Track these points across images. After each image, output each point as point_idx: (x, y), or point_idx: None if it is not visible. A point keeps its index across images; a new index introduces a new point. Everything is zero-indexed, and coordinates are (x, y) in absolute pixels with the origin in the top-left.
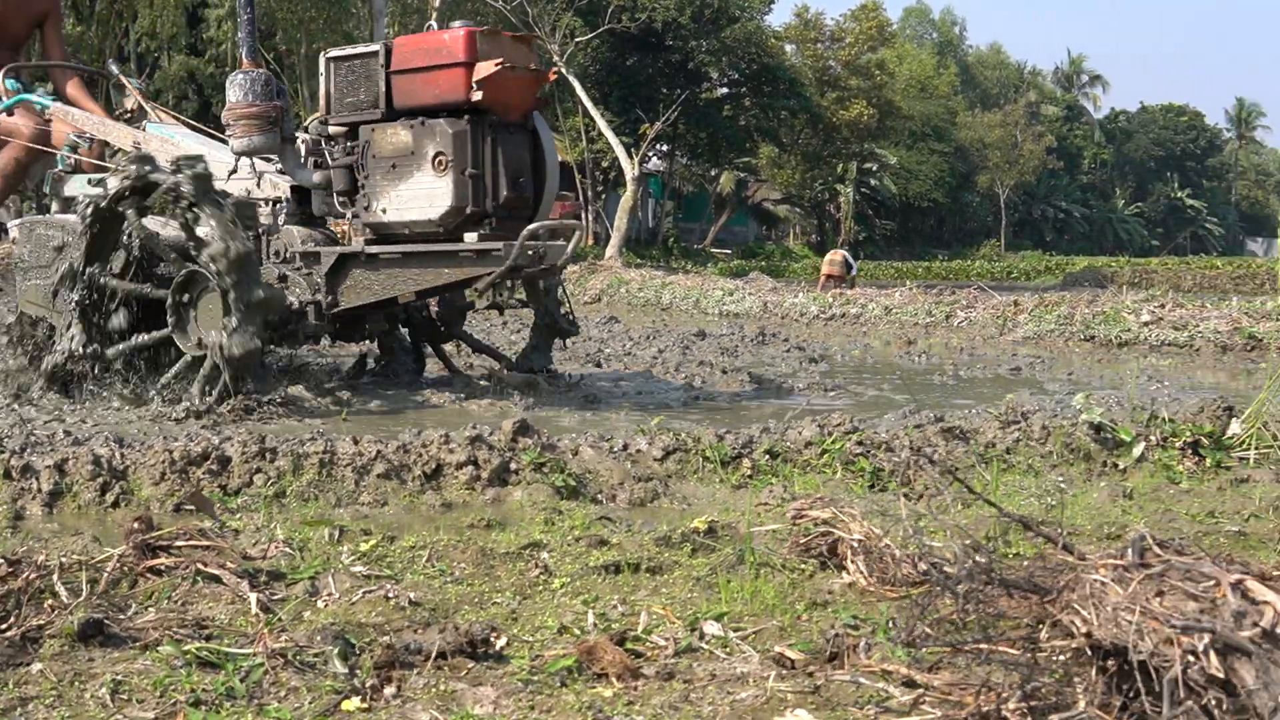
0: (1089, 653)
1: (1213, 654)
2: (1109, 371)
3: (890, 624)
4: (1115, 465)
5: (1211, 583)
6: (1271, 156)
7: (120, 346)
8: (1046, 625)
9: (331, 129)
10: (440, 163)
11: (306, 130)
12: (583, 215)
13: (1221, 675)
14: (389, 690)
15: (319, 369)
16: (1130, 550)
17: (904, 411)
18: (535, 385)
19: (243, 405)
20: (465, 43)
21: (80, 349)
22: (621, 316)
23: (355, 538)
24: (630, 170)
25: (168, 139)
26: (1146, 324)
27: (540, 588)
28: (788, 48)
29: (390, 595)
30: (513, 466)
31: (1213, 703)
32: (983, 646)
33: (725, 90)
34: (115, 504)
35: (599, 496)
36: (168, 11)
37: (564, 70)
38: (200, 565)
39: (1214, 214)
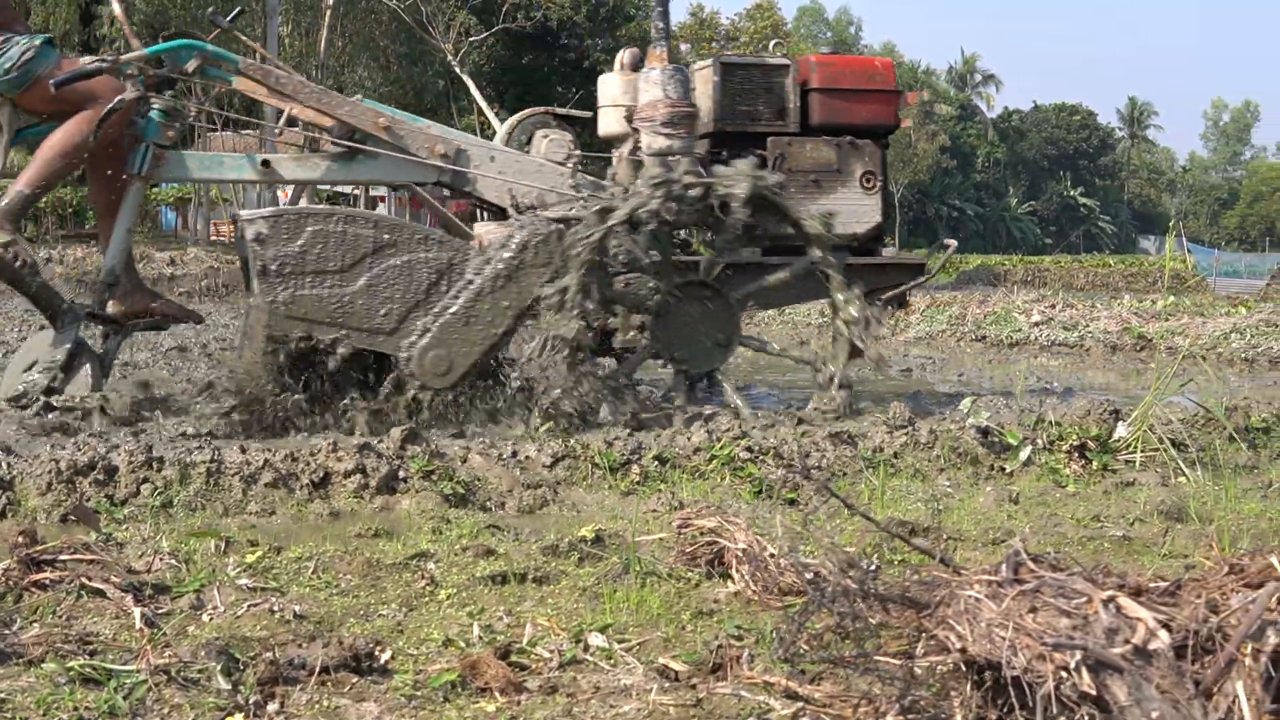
0: (964, 668)
1: (1085, 671)
2: (999, 372)
3: (774, 634)
4: (1002, 469)
5: (1084, 599)
6: (1164, 155)
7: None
8: (923, 639)
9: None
10: (869, 181)
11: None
12: (478, 215)
13: (1094, 692)
14: (272, 706)
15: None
16: (1005, 565)
17: (796, 417)
18: None
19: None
20: (892, 71)
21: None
22: None
23: (242, 549)
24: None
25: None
26: (1037, 324)
27: (426, 599)
28: (683, 47)
29: (275, 609)
30: (401, 474)
31: (1085, 719)
32: (859, 660)
33: None
34: (1, 514)
35: (488, 504)
36: (61, 8)
37: (458, 69)
38: (85, 580)
39: (1106, 212)
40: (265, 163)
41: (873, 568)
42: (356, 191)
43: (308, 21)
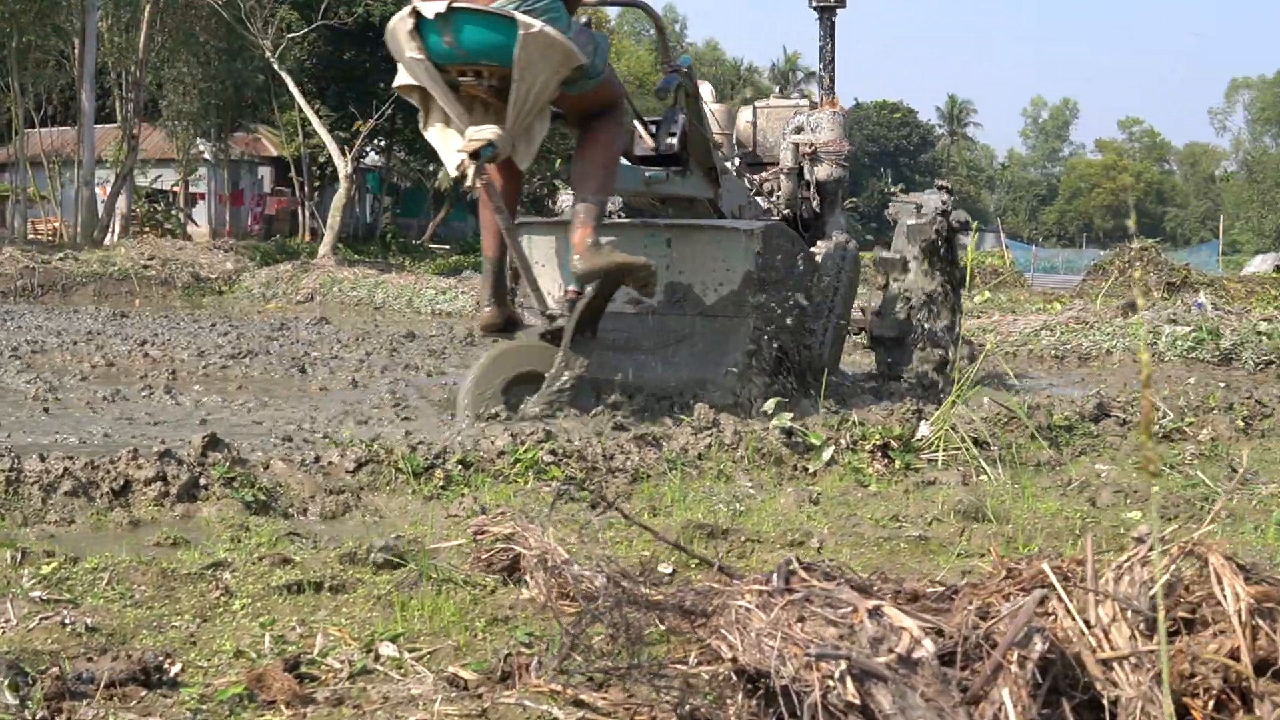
0: (736, 676)
1: (849, 680)
2: None
3: (561, 639)
4: (806, 469)
5: (850, 609)
6: (983, 152)
7: None
8: (698, 648)
9: None
10: None
11: None
12: (298, 213)
13: (859, 701)
14: None
15: None
16: (776, 575)
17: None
18: None
19: None
20: None
21: None
22: (333, 317)
23: (38, 560)
24: (344, 168)
25: None
26: None
27: (220, 610)
28: None
29: (67, 621)
30: (202, 482)
31: None
32: (634, 669)
33: None
34: None
35: (290, 511)
36: None
37: (277, 66)
38: None
39: None
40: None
41: (666, 575)
42: (176, 189)
43: (127, 17)
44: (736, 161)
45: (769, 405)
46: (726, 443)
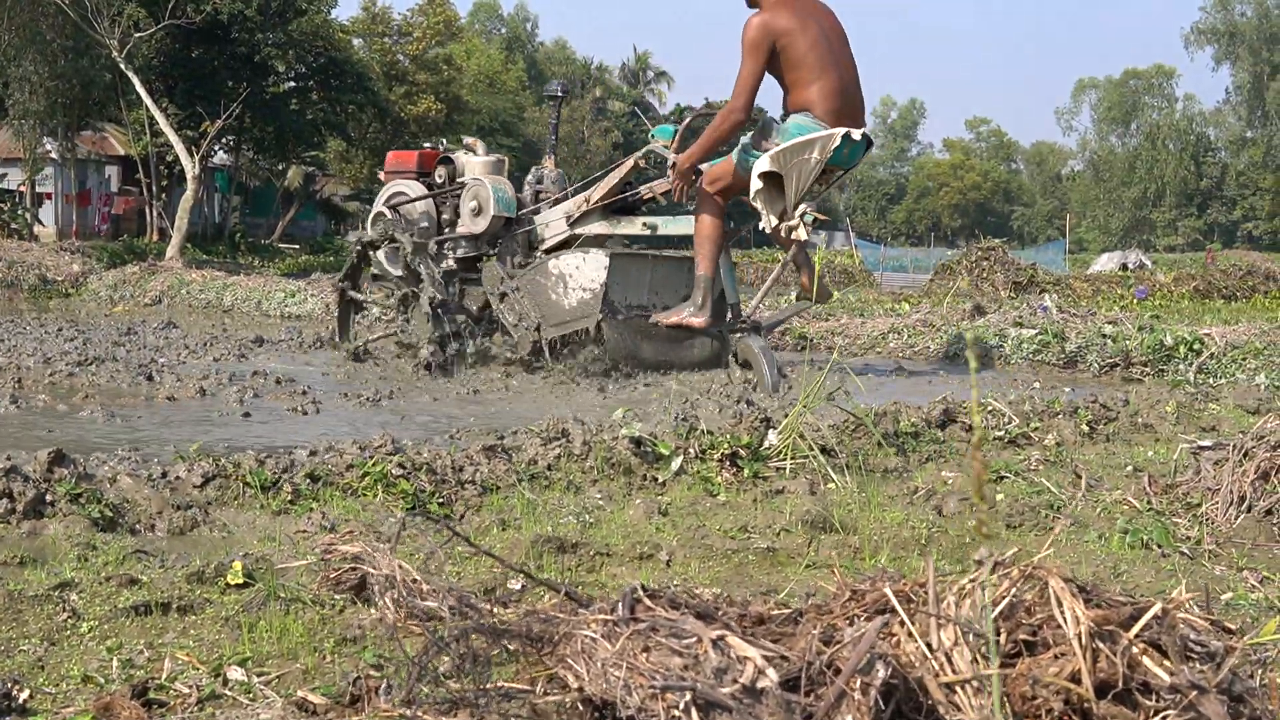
0: (582, 706)
1: (694, 710)
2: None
3: (412, 662)
4: (655, 479)
5: (695, 639)
6: None
7: None
8: (544, 677)
9: None
10: None
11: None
12: (146, 212)
13: None
14: None
15: None
16: (621, 604)
17: (456, 429)
18: None
19: None
20: None
21: None
22: (181, 320)
23: None
24: (191, 168)
25: None
26: None
27: (68, 633)
28: (355, 41)
29: None
30: (48, 498)
31: None
32: (480, 697)
33: (292, 84)
34: None
35: (137, 527)
36: None
37: (123, 65)
38: None
39: None
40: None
41: (516, 591)
42: (22, 188)
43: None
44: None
45: (617, 414)
46: (576, 453)
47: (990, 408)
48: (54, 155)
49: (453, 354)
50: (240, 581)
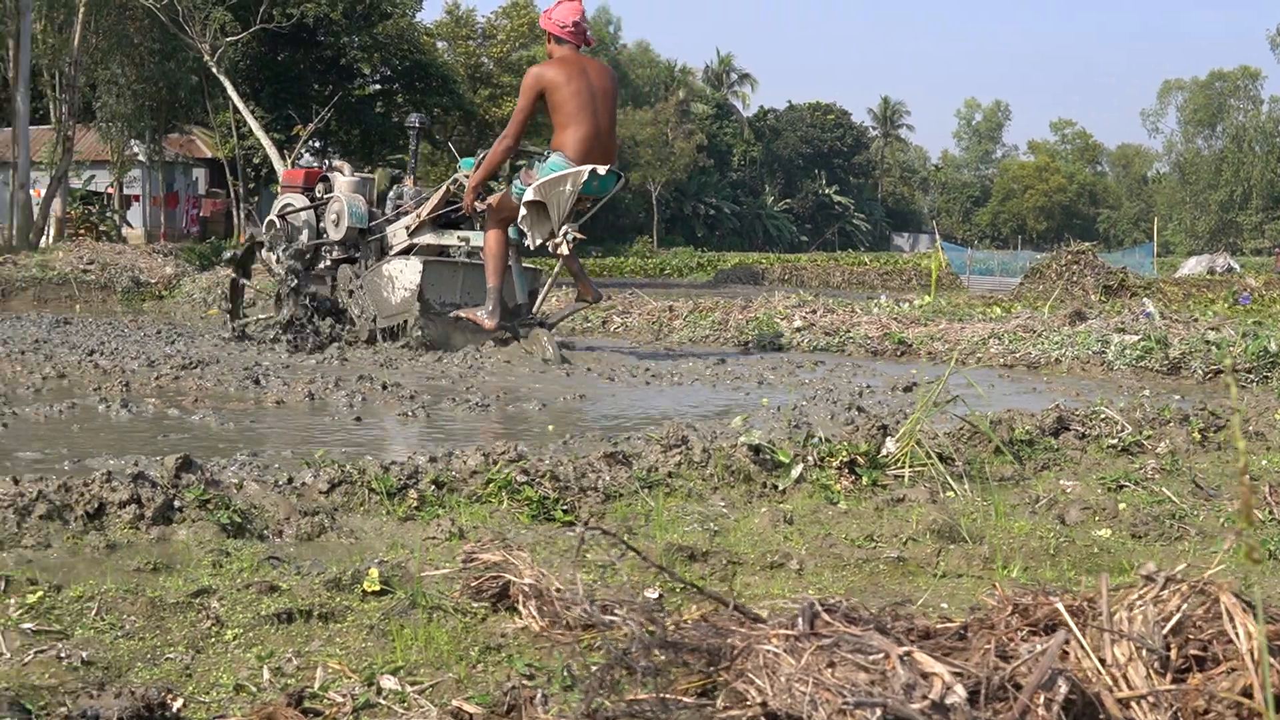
0: None
1: None
2: (781, 379)
3: (565, 673)
4: (774, 486)
5: (881, 655)
6: (916, 154)
7: None
8: (724, 691)
9: None
10: None
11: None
12: (234, 214)
13: None
14: None
15: None
16: (801, 619)
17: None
18: None
19: None
20: None
21: None
22: None
23: (21, 588)
24: (282, 170)
25: None
26: (799, 330)
27: (213, 640)
28: (440, 44)
29: (62, 655)
30: (177, 504)
31: None
32: (659, 709)
33: (378, 87)
34: None
35: (265, 533)
36: None
37: (214, 68)
38: None
39: (861, 210)
40: None
41: (653, 600)
42: (111, 190)
43: (61, 19)
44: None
45: (736, 422)
46: (695, 460)
47: (1103, 415)
48: (141, 158)
49: (302, 335)
50: (377, 589)
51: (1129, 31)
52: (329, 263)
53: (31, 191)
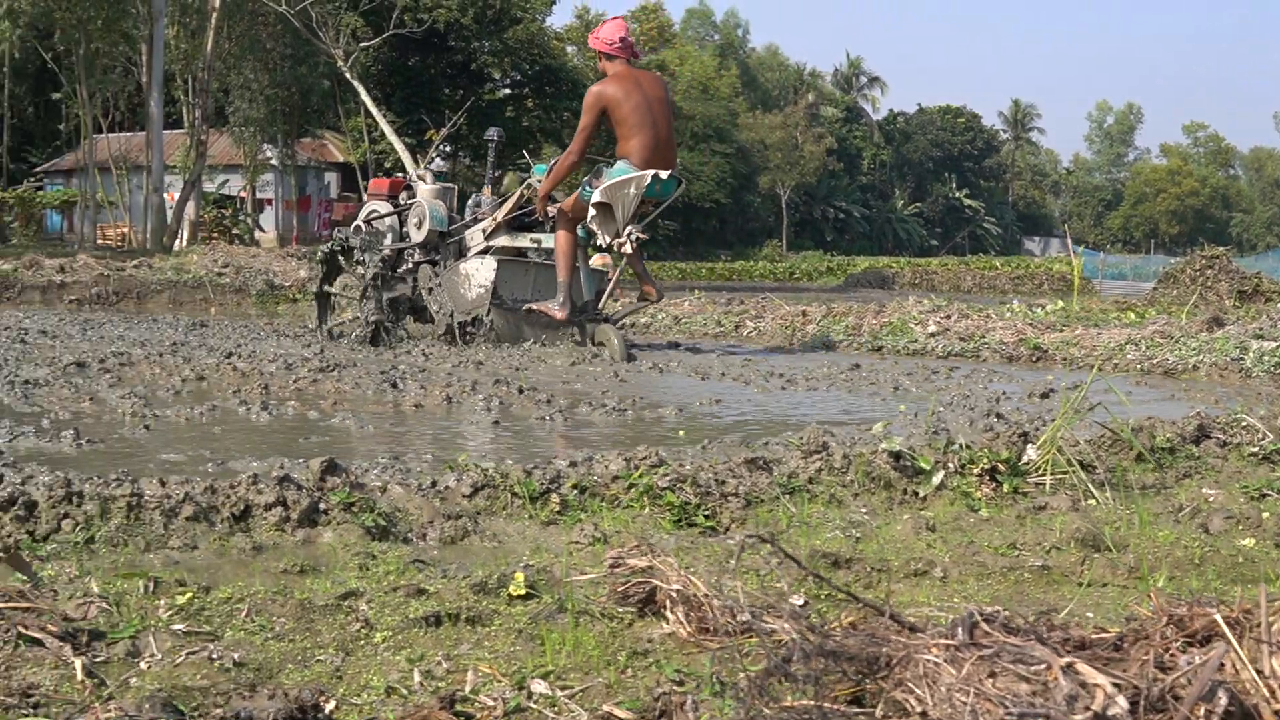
0: None
1: None
2: (917, 385)
3: (714, 680)
4: (915, 493)
5: (1043, 665)
6: (1047, 157)
7: None
8: (882, 700)
9: None
10: None
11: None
12: None
13: None
14: None
15: None
16: (960, 629)
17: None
18: None
19: None
20: None
21: None
22: (412, 326)
23: (170, 589)
24: (415, 170)
25: None
26: (933, 335)
27: (362, 642)
28: (569, 49)
29: (214, 656)
30: (322, 507)
31: None
32: (815, 715)
33: (508, 91)
34: None
35: (409, 536)
36: None
37: (346, 73)
38: (21, 628)
39: (992, 214)
40: None
41: (799, 607)
42: (243, 194)
43: (194, 24)
44: None
45: (877, 428)
46: (836, 466)
47: (1243, 423)
48: (274, 162)
49: (386, 332)
50: (523, 593)
51: (1262, 33)
52: (411, 264)
53: (165, 195)
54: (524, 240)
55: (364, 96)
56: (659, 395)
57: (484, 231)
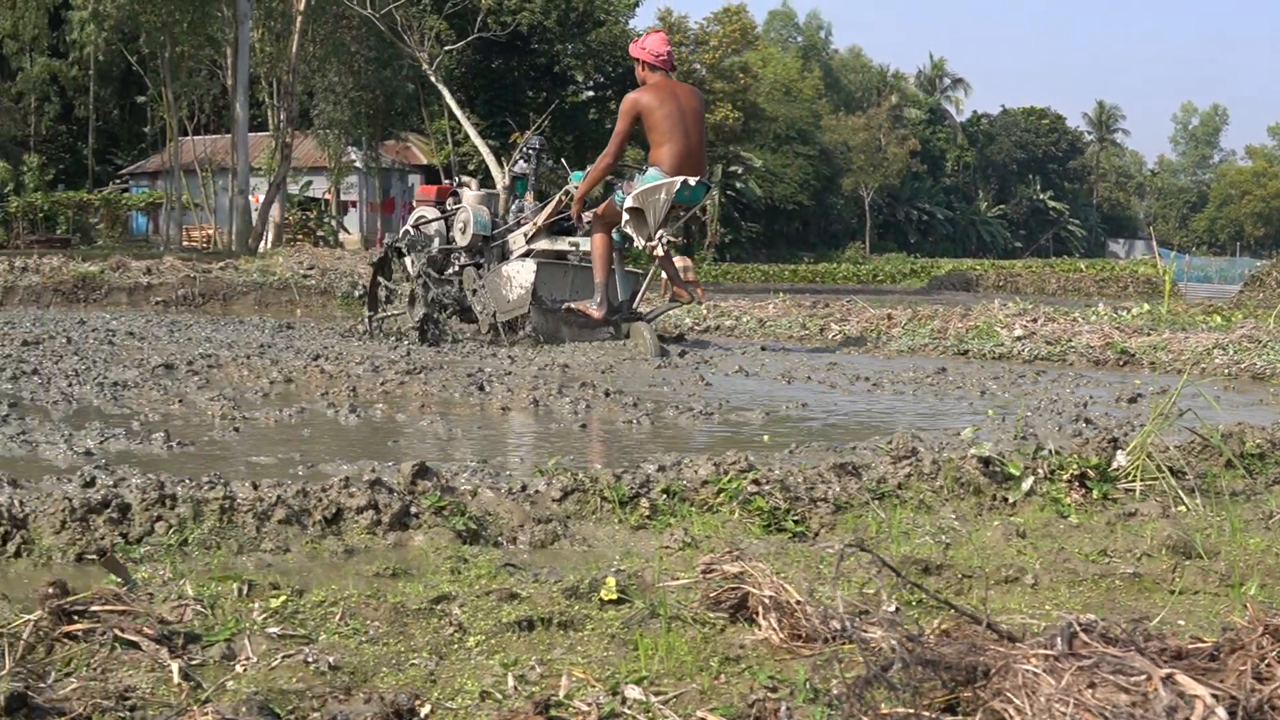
0: None
1: None
2: (1004, 389)
3: (808, 686)
4: (1005, 499)
5: (1142, 676)
6: (1132, 159)
7: None
8: (980, 710)
9: None
10: None
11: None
12: None
13: None
14: None
15: None
16: (1059, 639)
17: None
18: None
19: None
20: None
21: None
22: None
23: (264, 592)
24: (500, 178)
25: None
26: (1019, 338)
27: (456, 646)
28: None
29: (309, 659)
30: (413, 510)
31: None
32: None
33: (591, 94)
34: (16, 554)
35: (500, 539)
36: (29, 13)
37: (432, 76)
38: (118, 631)
39: (1076, 216)
40: None
41: (920, 633)
42: (328, 196)
43: (279, 27)
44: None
45: (966, 433)
46: (925, 472)
47: None
48: (358, 164)
49: (434, 330)
50: (614, 597)
51: None
52: (457, 267)
53: (250, 197)
54: (563, 243)
55: (448, 99)
56: (745, 399)
57: (525, 235)
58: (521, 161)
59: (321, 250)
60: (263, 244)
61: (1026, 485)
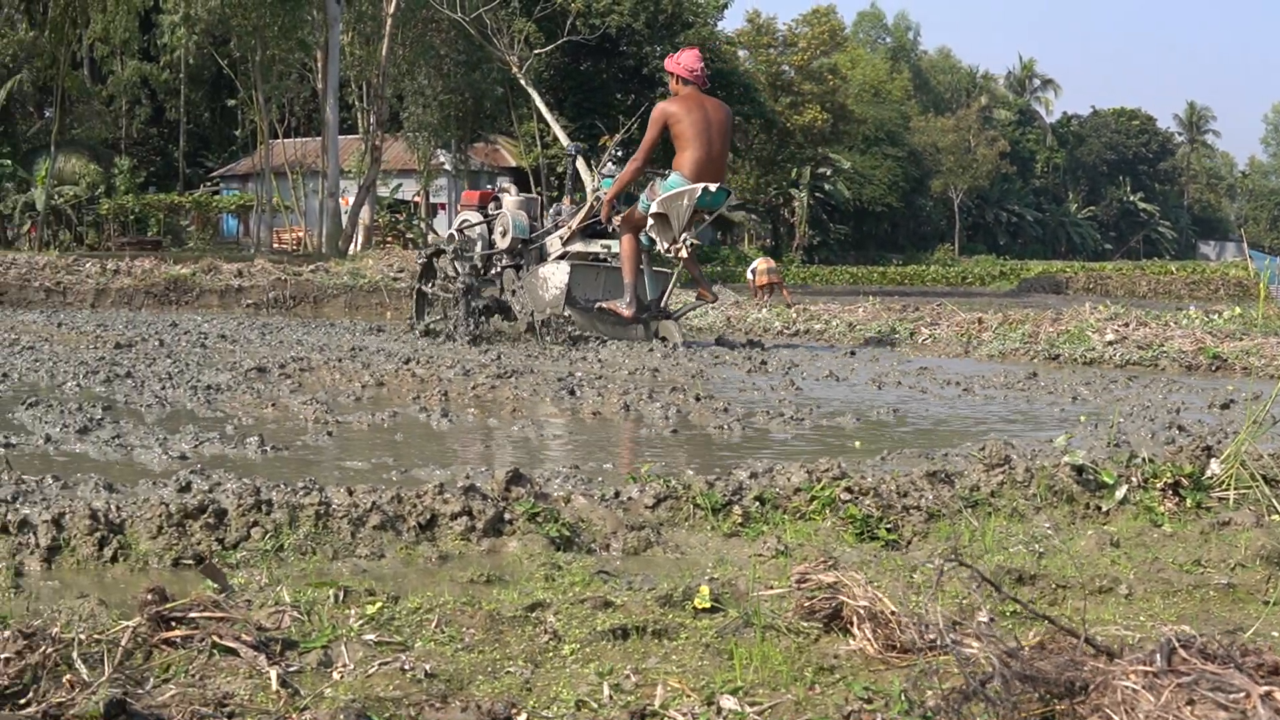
0: None
1: None
2: (1095, 395)
3: (903, 698)
4: (1098, 508)
5: (1241, 694)
6: (1223, 160)
7: None
8: None
9: None
10: None
11: None
12: None
13: None
14: None
15: None
16: (1159, 655)
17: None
18: None
19: None
20: None
21: None
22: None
23: (360, 599)
24: (590, 180)
25: None
26: (1111, 343)
27: (550, 654)
28: (741, 53)
29: (406, 667)
30: (506, 517)
31: None
32: None
33: None
34: (114, 559)
35: (593, 546)
36: (120, 17)
37: (521, 79)
38: (216, 637)
39: (1166, 217)
40: None
41: (1017, 646)
42: (417, 199)
43: (369, 30)
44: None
45: (1059, 440)
46: (1018, 480)
47: None
48: (447, 166)
49: (478, 329)
50: (708, 606)
51: None
52: (498, 269)
53: (340, 200)
54: (596, 246)
55: (538, 102)
56: (836, 404)
57: (561, 238)
58: (610, 164)
59: (411, 253)
60: (352, 246)
61: (1120, 494)
